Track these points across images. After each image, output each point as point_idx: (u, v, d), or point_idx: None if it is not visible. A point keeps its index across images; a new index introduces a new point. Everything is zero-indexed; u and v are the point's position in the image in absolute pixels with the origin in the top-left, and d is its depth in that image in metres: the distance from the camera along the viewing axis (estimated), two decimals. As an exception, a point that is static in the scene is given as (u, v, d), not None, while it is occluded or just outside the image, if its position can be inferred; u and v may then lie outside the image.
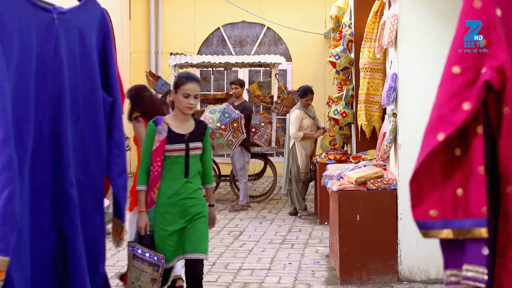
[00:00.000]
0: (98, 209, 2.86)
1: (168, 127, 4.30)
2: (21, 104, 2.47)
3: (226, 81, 14.26)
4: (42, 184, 2.61)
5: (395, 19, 5.89)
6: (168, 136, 4.27)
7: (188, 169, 4.31)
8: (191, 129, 4.37)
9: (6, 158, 2.28)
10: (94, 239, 2.82)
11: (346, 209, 5.97)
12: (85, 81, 2.78)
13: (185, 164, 4.30)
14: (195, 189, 4.37)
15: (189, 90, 4.25)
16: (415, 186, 2.20)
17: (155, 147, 4.25)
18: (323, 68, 13.37)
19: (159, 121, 4.33)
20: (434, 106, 2.18)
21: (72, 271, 2.69)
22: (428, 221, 2.17)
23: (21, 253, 2.49)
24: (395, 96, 5.98)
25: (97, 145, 2.84)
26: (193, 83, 4.28)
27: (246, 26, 14.62)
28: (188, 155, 4.30)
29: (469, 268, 2.10)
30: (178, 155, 4.28)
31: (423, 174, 2.18)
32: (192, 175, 4.34)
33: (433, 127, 2.19)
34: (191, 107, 4.27)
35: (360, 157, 7.56)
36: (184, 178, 4.30)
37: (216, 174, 10.99)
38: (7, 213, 2.27)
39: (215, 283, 6.11)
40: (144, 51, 14.51)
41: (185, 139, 4.31)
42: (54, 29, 2.62)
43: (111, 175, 2.89)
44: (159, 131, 4.27)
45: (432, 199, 2.18)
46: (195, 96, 4.29)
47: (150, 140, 4.27)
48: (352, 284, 5.93)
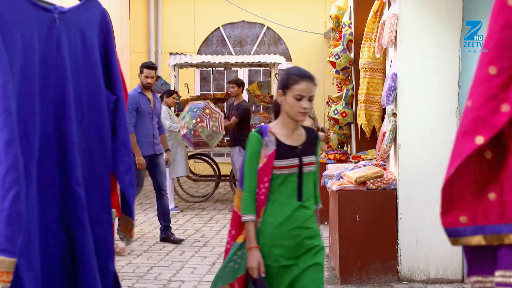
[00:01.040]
0: (105, 208, 2.86)
1: (275, 138, 3.46)
2: (26, 105, 2.48)
3: (226, 81, 14.25)
4: (48, 184, 2.61)
5: (395, 18, 5.89)
6: (278, 149, 3.43)
7: (302, 190, 3.44)
8: (303, 140, 3.52)
9: (12, 158, 2.28)
10: (103, 237, 2.82)
11: (346, 209, 5.97)
12: (88, 80, 2.78)
13: (298, 183, 3.44)
14: (310, 216, 3.48)
15: (303, 90, 3.38)
16: (447, 192, 2.09)
17: (261, 164, 3.41)
18: (323, 68, 13.37)
19: (265, 130, 3.48)
20: (468, 108, 2.06)
21: (82, 271, 2.69)
22: (459, 228, 2.08)
23: (31, 253, 2.48)
24: (395, 96, 5.99)
25: (102, 143, 2.84)
26: (307, 82, 3.41)
27: (246, 26, 14.62)
28: (302, 172, 3.45)
29: (507, 274, 2.01)
30: (290, 173, 3.42)
31: (455, 179, 2.07)
32: (306, 198, 3.46)
33: (469, 130, 2.04)
34: (305, 112, 3.41)
35: (360, 156, 7.56)
36: (297, 202, 3.43)
37: (216, 174, 11.00)
38: (14, 214, 2.27)
39: (215, 282, 6.11)
40: (144, 51, 14.51)
41: (298, 152, 3.47)
42: (56, 28, 2.62)
43: (118, 173, 2.89)
44: (266, 144, 3.43)
45: (462, 205, 2.09)
46: (310, 98, 3.41)
47: (256, 155, 3.42)
48: (352, 283, 5.93)
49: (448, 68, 5.92)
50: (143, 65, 7.87)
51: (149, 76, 7.77)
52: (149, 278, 6.33)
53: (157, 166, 7.87)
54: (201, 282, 6.17)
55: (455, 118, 5.91)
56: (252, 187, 3.42)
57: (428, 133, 5.94)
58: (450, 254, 5.91)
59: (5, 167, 2.27)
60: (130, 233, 3.06)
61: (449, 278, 5.94)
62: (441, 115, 5.93)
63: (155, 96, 8.02)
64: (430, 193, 5.91)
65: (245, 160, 3.47)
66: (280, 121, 3.51)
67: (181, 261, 6.97)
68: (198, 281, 6.19)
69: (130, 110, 7.50)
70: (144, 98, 7.76)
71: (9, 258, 2.25)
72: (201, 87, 14.63)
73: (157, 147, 7.87)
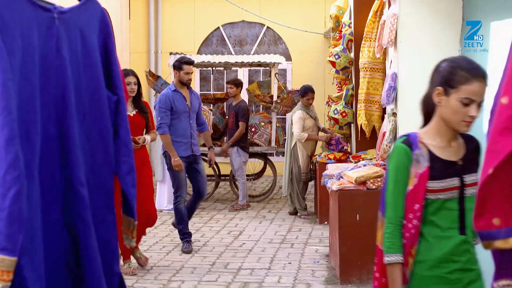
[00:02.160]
0: (109, 208, 2.85)
1: (428, 150, 2.65)
2: (26, 104, 2.47)
3: (226, 80, 14.25)
4: (51, 184, 2.60)
5: (395, 18, 5.89)
6: (432, 166, 2.62)
7: (465, 219, 2.61)
8: (463, 152, 2.69)
9: (12, 157, 2.28)
10: (107, 238, 2.80)
11: (346, 209, 5.97)
12: (89, 81, 2.77)
13: (460, 211, 2.62)
14: (474, 254, 2.67)
15: (474, 93, 2.53)
16: (482, 194, 1.99)
17: (411, 187, 2.61)
18: (323, 68, 13.37)
19: (414, 141, 2.67)
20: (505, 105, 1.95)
21: (87, 272, 2.68)
22: (493, 231, 1.99)
23: (34, 253, 2.47)
24: (395, 96, 5.98)
25: (104, 144, 2.83)
26: (481, 82, 2.55)
27: (245, 25, 14.62)
28: (464, 195, 2.62)
29: None
30: (448, 197, 2.62)
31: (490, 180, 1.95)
32: (469, 230, 2.61)
33: (507, 127, 1.93)
34: (471, 122, 2.57)
35: (360, 156, 7.56)
36: (459, 236, 2.61)
37: (216, 174, 10.99)
38: (14, 212, 2.26)
39: (215, 282, 6.11)
40: (144, 51, 14.51)
41: (458, 169, 2.64)
42: (55, 28, 2.62)
43: (120, 173, 2.88)
44: (416, 159, 2.63)
45: (495, 207, 1.98)
46: (480, 103, 2.56)
47: (404, 174, 2.63)
48: (352, 283, 5.93)
49: (448, 68, 5.90)
50: (182, 61, 7.39)
51: (190, 72, 7.36)
52: (149, 278, 6.33)
53: (197, 171, 7.42)
54: (201, 282, 6.17)
55: (455, 118, 5.90)
56: (399, 217, 2.62)
57: (428, 133, 5.93)
58: (450, 254, 5.90)
59: (5, 165, 2.26)
60: (132, 234, 3.05)
61: (449, 278, 5.93)
62: (441, 115, 5.92)
63: (193, 93, 7.55)
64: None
65: (388, 180, 2.67)
66: (434, 127, 2.69)
67: (181, 261, 6.97)
68: (198, 281, 6.19)
69: (164, 110, 7.18)
70: (179, 96, 7.32)
71: (9, 257, 2.25)
72: (201, 87, 14.62)
73: (195, 147, 7.40)
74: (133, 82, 6.52)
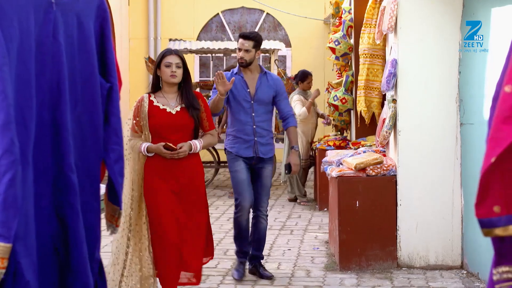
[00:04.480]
0: (95, 195, 2.85)
1: None
2: (23, 89, 2.46)
3: (226, 67, 14.21)
4: (42, 170, 2.60)
5: (395, 4, 5.86)
6: None
7: None
8: None
9: (7, 142, 2.26)
10: (92, 225, 2.81)
11: (345, 195, 5.97)
12: (83, 67, 2.76)
13: None
14: None
15: None
16: (484, 182, 1.99)
17: None
18: (323, 54, 13.32)
19: None
20: (508, 93, 1.94)
21: (74, 258, 2.68)
22: (493, 219, 1.99)
23: (28, 239, 2.47)
24: (395, 82, 5.96)
25: (94, 131, 2.82)
26: None
27: (245, 12, 14.56)
28: None
29: None
30: None
31: (492, 168, 1.95)
32: None
33: (510, 116, 1.92)
34: None
35: (360, 143, 7.55)
36: None
37: (216, 161, 10.99)
38: (9, 198, 2.24)
39: (214, 269, 6.11)
40: (143, 37, 14.45)
41: None
42: (52, 13, 2.60)
43: (108, 161, 2.87)
44: None
45: (495, 194, 1.99)
46: None
47: None
48: (351, 270, 5.94)
49: (448, 54, 5.88)
50: (239, 35, 5.75)
51: (242, 49, 5.61)
52: (148, 264, 6.33)
53: (259, 176, 5.72)
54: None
55: (455, 105, 5.88)
56: None
57: (428, 119, 5.92)
58: (449, 240, 5.91)
59: (1, 150, 2.25)
60: (117, 223, 3.04)
61: (448, 264, 5.94)
62: (441, 101, 5.91)
63: (266, 78, 5.78)
64: (430, 180, 5.90)
65: None
66: None
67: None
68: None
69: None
70: (239, 80, 5.68)
71: (4, 243, 2.23)
72: (201, 73, 14.59)
73: (262, 148, 5.66)
74: (174, 63, 4.66)
